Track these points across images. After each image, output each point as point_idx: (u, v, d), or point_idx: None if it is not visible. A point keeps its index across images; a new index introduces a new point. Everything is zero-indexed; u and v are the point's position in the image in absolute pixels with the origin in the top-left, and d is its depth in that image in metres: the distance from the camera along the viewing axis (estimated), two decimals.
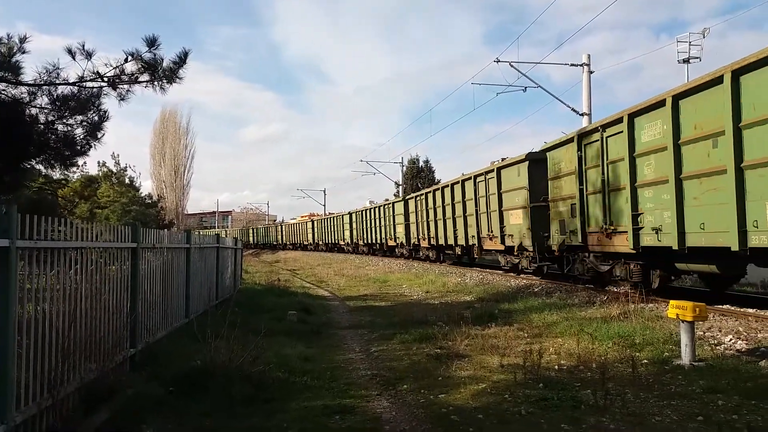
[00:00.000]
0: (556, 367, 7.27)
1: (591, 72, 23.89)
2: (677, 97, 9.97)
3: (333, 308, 15.34)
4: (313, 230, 55.47)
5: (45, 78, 8.15)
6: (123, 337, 6.58)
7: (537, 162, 16.21)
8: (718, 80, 9.03)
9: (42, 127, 8.29)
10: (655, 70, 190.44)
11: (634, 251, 11.42)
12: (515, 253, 18.00)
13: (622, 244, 11.74)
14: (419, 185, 65.29)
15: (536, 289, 15.12)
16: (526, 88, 24.73)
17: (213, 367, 6.47)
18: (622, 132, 11.55)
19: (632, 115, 11.24)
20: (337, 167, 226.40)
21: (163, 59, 8.53)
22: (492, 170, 18.99)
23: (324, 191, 72.21)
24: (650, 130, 10.79)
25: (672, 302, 7.46)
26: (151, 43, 8.34)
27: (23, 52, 8.02)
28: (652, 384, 6.35)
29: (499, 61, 23.70)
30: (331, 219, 49.79)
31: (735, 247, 8.74)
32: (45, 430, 4.63)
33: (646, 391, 6.08)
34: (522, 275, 18.20)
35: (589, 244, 13.27)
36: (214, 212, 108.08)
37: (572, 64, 24.45)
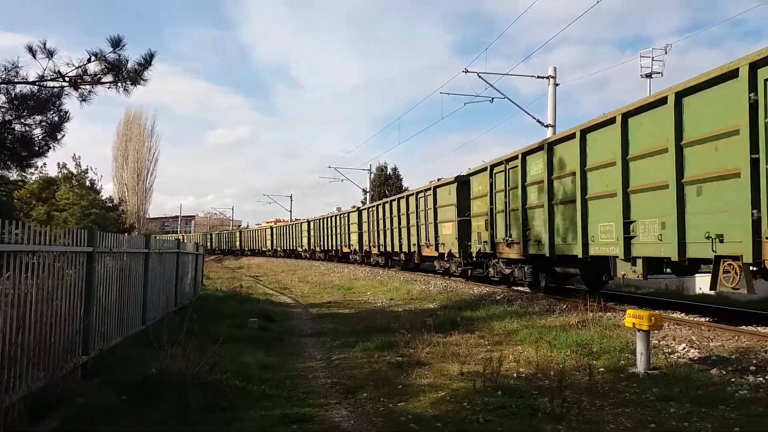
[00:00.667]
0: (515, 374, 7.34)
1: (557, 84, 24.29)
2: (551, 144, 13.25)
3: (296, 315, 15.20)
4: (272, 237, 55.93)
5: (3, 76, 7.90)
6: (75, 344, 6.38)
7: (463, 184, 19.21)
8: (571, 136, 12.26)
9: None
10: (619, 84, 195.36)
11: (524, 258, 14.55)
12: (446, 259, 21.05)
13: (517, 252, 14.88)
14: (387, 192, 65.33)
15: (498, 297, 15.26)
16: (493, 98, 24.99)
17: (168, 374, 6.33)
18: (517, 166, 14.63)
19: (525, 154, 14.37)
20: (305, 173, 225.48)
21: (127, 60, 8.37)
22: (430, 188, 22.28)
23: (290, 197, 71.94)
24: (535, 167, 13.89)
25: (629, 311, 7.62)
26: (116, 43, 8.16)
27: None
28: (608, 392, 6.45)
29: (467, 71, 23.91)
30: (290, 226, 51.65)
31: (580, 255, 11.83)
32: None
33: (602, 398, 6.18)
34: (485, 284, 18.40)
35: (497, 252, 16.37)
36: (177, 217, 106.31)
37: (539, 77, 24.81)
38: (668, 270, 10.54)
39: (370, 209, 31.53)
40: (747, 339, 8.52)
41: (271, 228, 58.38)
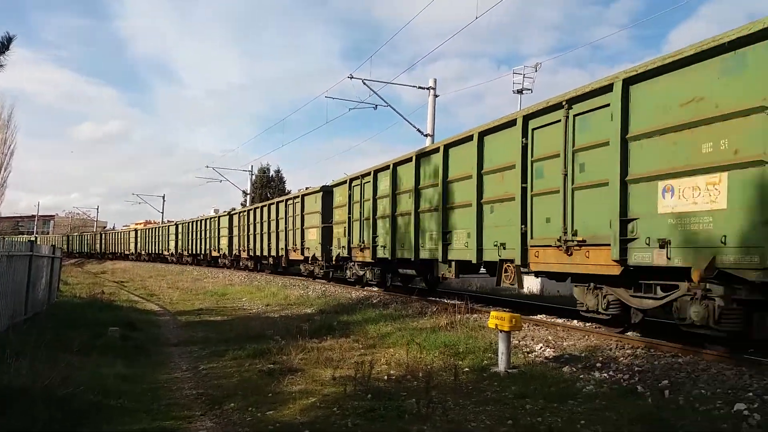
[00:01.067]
0: (386, 377, 7.47)
1: (436, 96, 25.09)
2: (395, 164, 15.35)
3: (162, 323, 14.46)
4: (136, 239, 52.90)
5: None
6: None
7: (327, 193, 20.89)
8: (408, 159, 14.60)
9: None
10: (494, 99, 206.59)
11: (374, 261, 16.61)
12: (310, 262, 22.71)
13: (368, 256, 16.76)
14: (269, 195, 64.00)
15: (375, 301, 15.49)
16: (376, 106, 25.37)
17: (12, 390, 5.76)
18: (370, 182, 16.74)
19: (377, 171, 16.39)
20: (180, 172, 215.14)
21: None
22: (298, 196, 24.02)
23: (163, 197, 68.34)
24: (383, 183, 16.13)
25: (492, 313, 8.03)
26: None
27: None
28: (471, 391, 6.75)
29: (352, 77, 24.07)
30: (157, 229, 49.73)
31: (413, 258, 14.20)
32: None
33: (465, 398, 6.45)
34: (364, 288, 18.61)
35: (353, 256, 18.13)
36: (33, 216, 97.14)
37: (420, 87, 25.50)
38: (483, 270, 12.71)
39: (241, 213, 32.52)
40: (596, 338, 9.29)
41: (136, 231, 55.01)
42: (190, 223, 40.91)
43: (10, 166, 60.27)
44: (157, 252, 47.18)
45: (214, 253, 36.17)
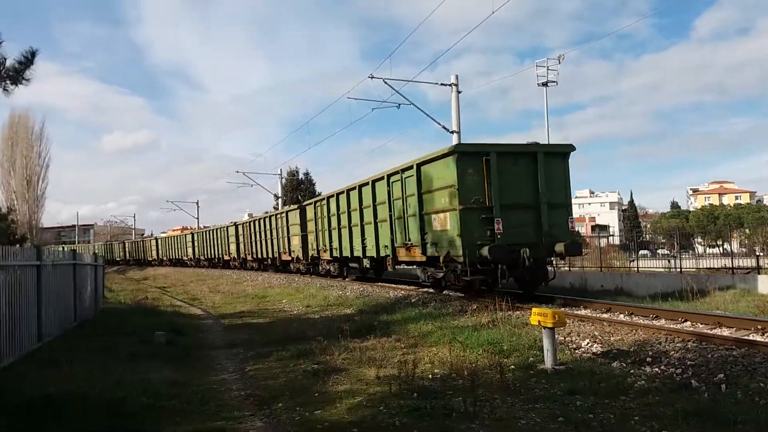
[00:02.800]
0: (430, 376, 7.44)
1: (459, 92, 24.94)
2: (338, 194, 21.29)
3: (206, 327, 14.68)
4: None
5: None
6: None
7: (303, 209, 26.70)
8: (352, 189, 20.05)
9: None
10: (520, 92, 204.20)
11: (333, 258, 22.74)
12: (295, 261, 28.23)
13: (328, 255, 23.04)
14: (299, 197, 64.48)
15: (413, 300, 15.45)
16: (399, 104, 25.30)
17: (68, 394, 5.93)
18: (325, 204, 22.91)
19: (329, 197, 22.56)
20: (211, 178, 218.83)
21: (6, 58, 7.76)
22: (284, 212, 29.82)
23: (197, 203, 69.11)
24: (333, 205, 21.96)
25: (534, 309, 7.93)
26: None
27: None
28: (518, 389, 6.67)
29: (373, 77, 24.05)
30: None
31: (350, 255, 20.51)
32: None
33: (513, 395, 6.37)
34: (417, 288, 18.65)
35: (321, 256, 24.33)
36: (73, 226, 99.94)
37: (442, 84, 25.36)
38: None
39: (245, 224, 37.77)
40: (644, 332, 9.09)
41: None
42: (208, 232, 46.62)
43: (47, 178, 62.52)
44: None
45: (226, 257, 41.05)
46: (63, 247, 40.78)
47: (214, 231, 46.82)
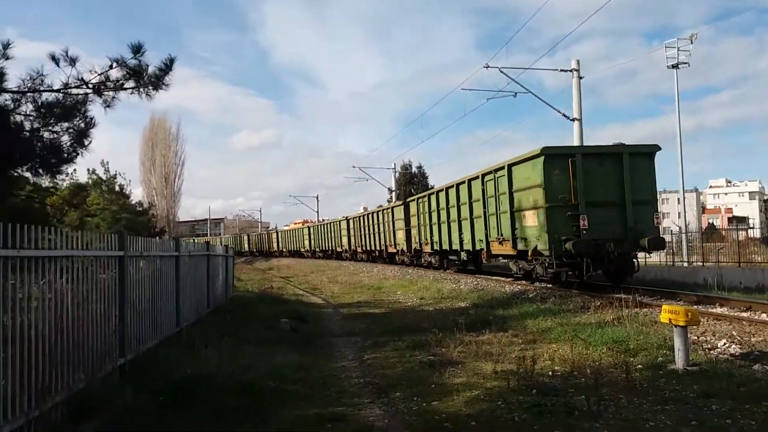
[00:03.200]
0: (550, 373, 7.23)
1: (581, 77, 23.94)
2: (438, 191, 23.54)
3: (326, 316, 15.25)
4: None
5: (29, 85, 8.03)
6: (112, 347, 6.49)
7: (407, 205, 28.84)
8: (451, 186, 21.58)
9: (27, 134, 8.16)
10: (647, 75, 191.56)
11: (433, 251, 24.50)
12: (400, 254, 30.60)
13: (429, 249, 24.89)
14: (413, 191, 64.98)
15: (531, 295, 15.09)
16: (516, 93, 24.75)
17: (203, 376, 6.40)
18: (426, 200, 24.94)
19: (429, 194, 24.79)
20: (330, 173, 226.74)
21: (148, 66, 8.45)
22: (389, 208, 32.51)
23: (317, 198, 71.91)
24: (433, 202, 23.66)
25: (665, 307, 7.45)
26: (137, 49, 8.25)
27: (6, 58, 7.89)
28: (646, 389, 6.31)
29: (488, 66, 23.69)
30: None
31: (449, 249, 22.04)
32: None
33: (640, 396, 6.04)
34: (513, 280, 18.27)
35: (423, 249, 26.25)
36: (206, 220, 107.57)
37: (562, 70, 24.46)
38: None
39: (355, 219, 40.71)
40: None
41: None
42: (322, 226, 49.94)
43: (183, 175, 67.79)
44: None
45: (338, 249, 44.21)
46: (194, 240, 44.52)
47: (329, 225, 50.37)
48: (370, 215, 37.22)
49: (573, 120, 23.80)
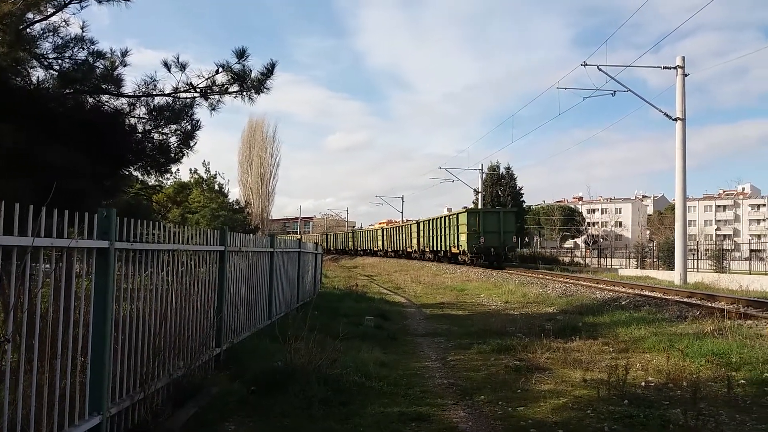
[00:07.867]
0: (643, 383, 6.94)
1: (686, 75, 22.73)
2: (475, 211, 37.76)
3: (409, 315, 15.34)
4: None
5: (143, 90, 8.60)
6: (209, 337, 6.85)
7: (469, 213, 35.82)
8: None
9: (140, 136, 8.73)
10: (761, 71, 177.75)
11: (464, 252, 35.44)
12: (461, 255, 35.84)
13: (457, 250, 35.83)
14: (499, 193, 64.04)
15: (623, 302, 14.51)
16: (615, 92, 23.93)
17: (293, 368, 6.63)
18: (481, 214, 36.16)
19: (485, 212, 36.39)
20: (417, 174, 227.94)
21: (251, 70, 8.79)
22: (455, 214, 37.97)
23: (402, 198, 72.32)
24: (462, 219, 35.52)
25: None
26: (241, 55, 8.63)
27: (124, 66, 8.50)
28: (749, 406, 5.93)
29: (586, 64, 23.02)
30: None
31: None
32: (136, 422, 4.88)
33: (743, 413, 5.69)
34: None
35: (451, 251, 36.52)
36: (296, 218, 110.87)
37: (665, 67, 23.32)
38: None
39: (425, 222, 45.54)
40: None
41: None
42: (431, 221, 48.84)
43: (277, 176, 70.21)
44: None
45: (408, 250, 49.12)
46: (286, 236, 46.55)
47: (401, 227, 54.87)
48: (438, 219, 43.11)
49: (675, 120, 22.66)
